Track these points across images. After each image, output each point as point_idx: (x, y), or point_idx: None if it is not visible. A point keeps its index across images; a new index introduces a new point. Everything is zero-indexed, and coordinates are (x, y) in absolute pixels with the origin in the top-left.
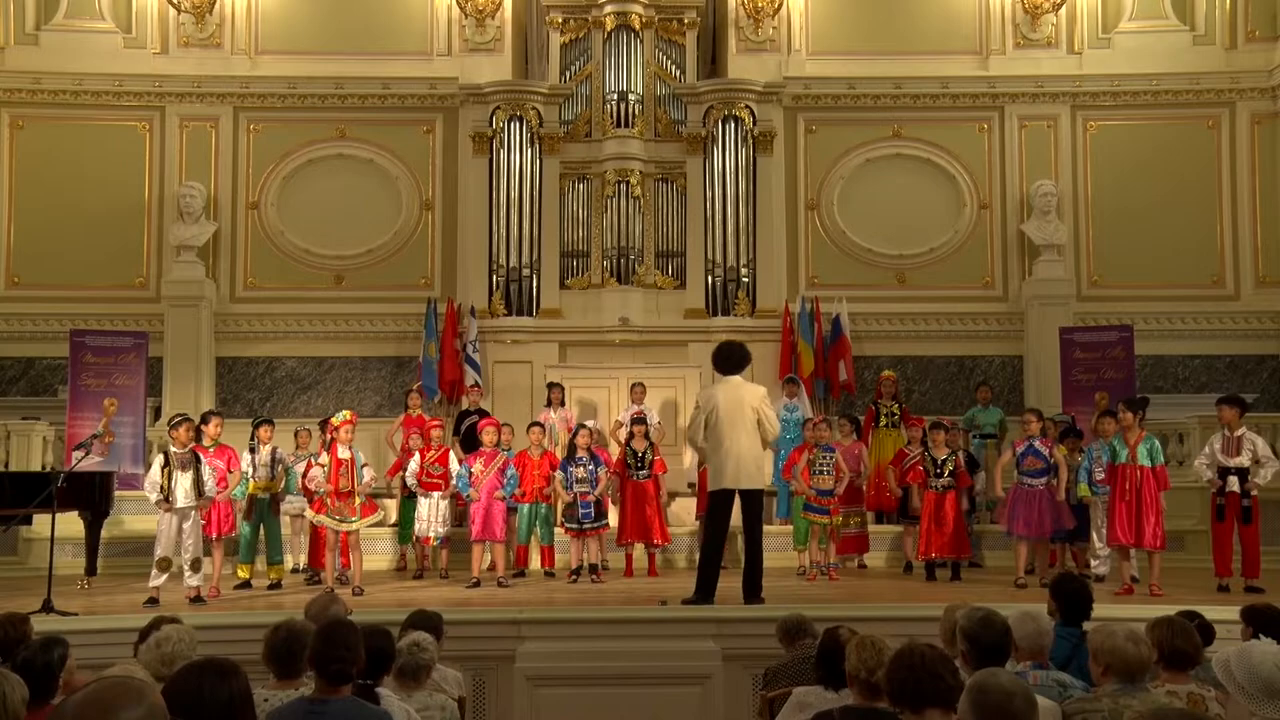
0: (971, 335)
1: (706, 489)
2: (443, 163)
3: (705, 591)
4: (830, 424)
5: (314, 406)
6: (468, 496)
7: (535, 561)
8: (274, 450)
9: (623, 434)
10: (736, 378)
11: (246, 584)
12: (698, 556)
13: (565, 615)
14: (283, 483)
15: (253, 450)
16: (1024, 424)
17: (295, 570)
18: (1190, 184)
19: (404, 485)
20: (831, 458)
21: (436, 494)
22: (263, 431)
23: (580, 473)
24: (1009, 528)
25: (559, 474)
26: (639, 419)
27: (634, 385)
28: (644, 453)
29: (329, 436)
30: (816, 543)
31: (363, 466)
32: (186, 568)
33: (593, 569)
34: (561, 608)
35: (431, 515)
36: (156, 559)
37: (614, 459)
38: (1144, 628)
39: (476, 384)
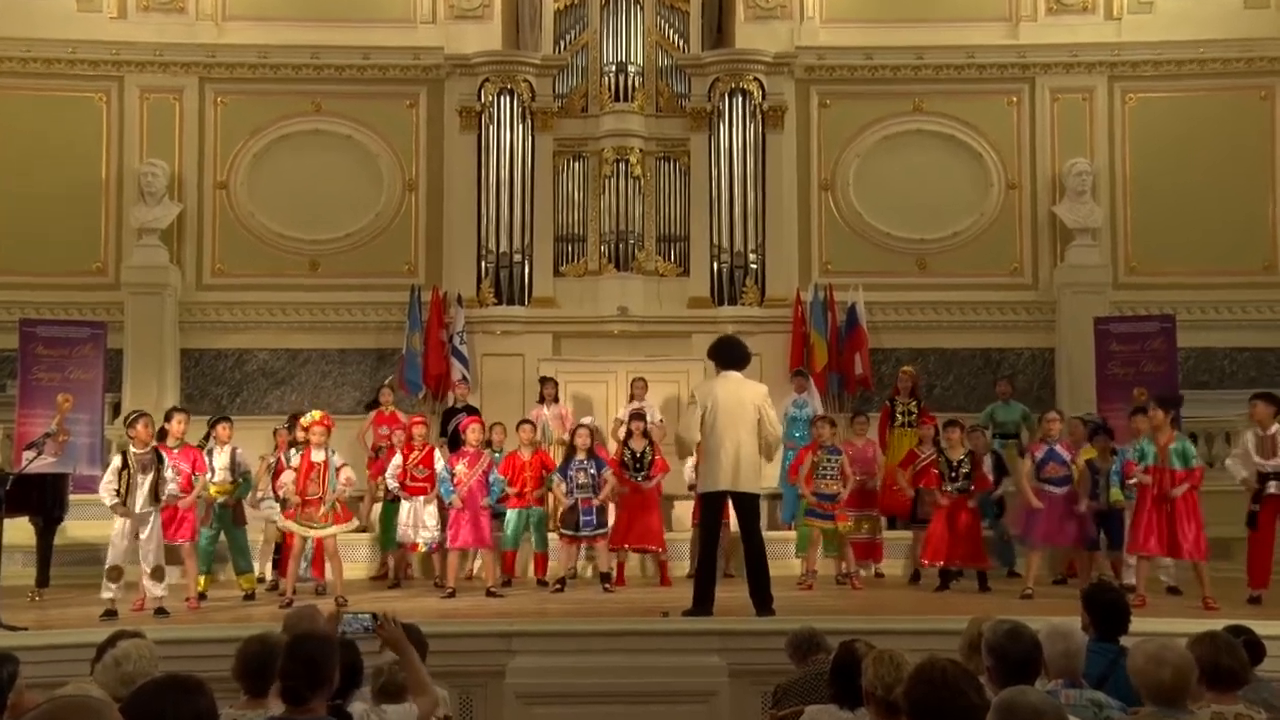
0: (998, 326)
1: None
2: (427, 139)
3: (703, 602)
4: (835, 423)
5: (288, 402)
6: (450, 502)
7: (530, 569)
8: (234, 451)
9: (622, 432)
10: (736, 374)
11: (203, 596)
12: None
13: (559, 628)
14: (239, 488)
15: (204, 449)
16: (1045, 426)
17: (262, 580)
18: (1240, 161)
19: (385, 488)
20: (836, 461)
21: (421, 498)
22: (220, 430)
23: (581, 478)
24: (1024, 534)
25: (556, 476)
26: (637, 415)
27: (634, 380)
28: (643, 452)
29: (300, 437)
30: (817, 550)
31: (339, 469)
32: (148, 576)
33: (603, 577)
34: (555, 619)
35: (414, 520)
36: (107, 568)
37: (613, 459)
38: (1186, 643)
39: (464, 378)
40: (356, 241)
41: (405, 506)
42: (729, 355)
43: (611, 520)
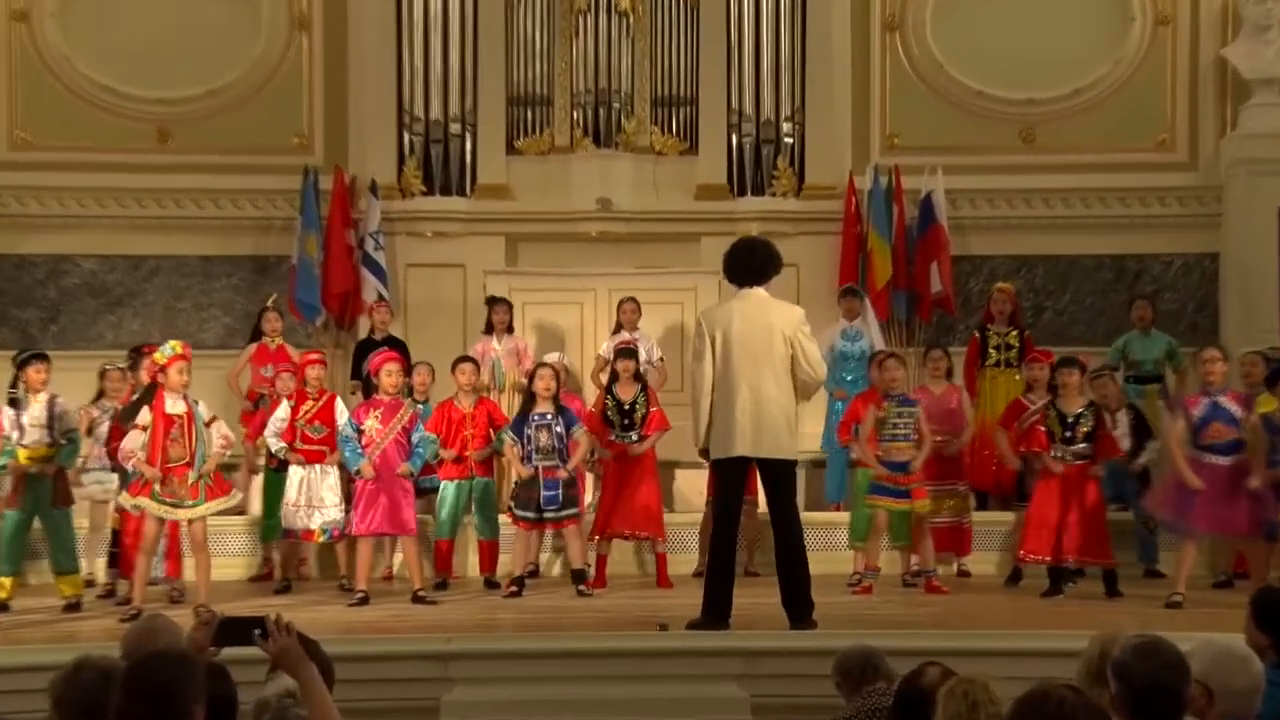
0: (1137, 223)
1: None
2: None
3: (715, 611)
4: (904, 361)
5: (127, 332)
6: (356, 471)
7: (470, 565)
8: (52, 401)
9: (605, 375)
10: (760, 291)
11: (4, 606)
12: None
13: (514, 646)
14: (62, 453)
15: (15, 403)
16: (1204, 369)
17: (91, 584)
18: None
19: (267, 452)
20: (912, 415)
21: (318, 466)
22: (32, 373)
23: (542, 438)
24: (1175, 519)
25: (508, 436)
26: (626, 351)
27: (622, 302)
28: (633, 403)
29: (150, 379)
30: (881, 539)
31: (208, 424)
32: None
33: (577, 576)
34: (507, 635)
35: (308, 497)
36: None
37: (592, 411)
38: None
39: (382, 298)
40: (225, 103)
41: (295, 477)
42: (747, 265)
43: (589, 498)
